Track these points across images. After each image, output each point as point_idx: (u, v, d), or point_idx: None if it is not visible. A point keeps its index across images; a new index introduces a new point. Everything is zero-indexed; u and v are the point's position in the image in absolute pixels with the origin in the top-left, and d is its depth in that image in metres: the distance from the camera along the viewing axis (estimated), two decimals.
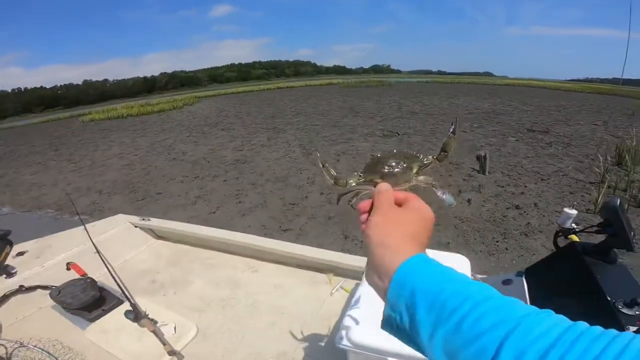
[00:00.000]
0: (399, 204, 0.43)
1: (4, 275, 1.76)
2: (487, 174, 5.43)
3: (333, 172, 0.53)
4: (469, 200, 4.48)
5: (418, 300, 0.32)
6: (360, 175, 0.52)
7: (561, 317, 0.28)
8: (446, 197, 0.48)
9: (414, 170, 0.50)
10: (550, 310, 0.29)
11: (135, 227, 2.30)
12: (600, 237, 1.03)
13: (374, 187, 0.46)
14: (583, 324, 0.27)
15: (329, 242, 3.59)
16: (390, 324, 0.35)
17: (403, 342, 0.35)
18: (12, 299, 1.67)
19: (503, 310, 0.29)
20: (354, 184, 0.52)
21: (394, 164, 0.49)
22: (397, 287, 0.34)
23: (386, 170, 0.49)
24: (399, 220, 0.40)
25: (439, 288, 0.32)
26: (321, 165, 0.53)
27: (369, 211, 0.43)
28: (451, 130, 0.47)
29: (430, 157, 0.50)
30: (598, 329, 0.26)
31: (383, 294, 0.35)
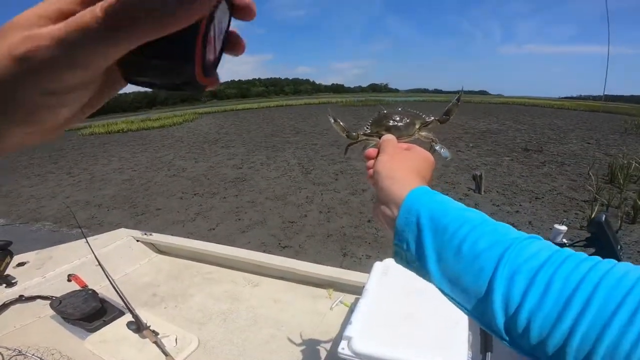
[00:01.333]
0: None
1: (4, 285, 1.76)
2: (482, 193, 5.50)
3: (344, 125, 0.57)
4: None
5: (424, 226, 0.33)
6: (367, 129, 0.57)
7: (548, 242, 0.31)
8: (443, 151, 0.53)
9: (417, 126, 0.54)
10: (538, 235, 0.31)
11: (137, 241, 2.32)
12: (590, 251, 1.08)
13: (379, 138, 0.50)
14: (569, 250, 0.28)
15: (328, 260, 3.60)
16: (400, 255, 0.37)
17: (415, 273, 0.36)
18: (12, 308, 1.66)
19: (497, 233, 0.31)
20: (362, 136, 0.57)
21: (398, 118, 0.54)
22: (405, 214, 0.35)
23: (391, 124, 0.53)
24: (404, 158, 0.44)
25: (441, 213, 0.34)
26: (332, 120, 0.57)
27: (375, 158, 0.46)
28: (456, 98, 0.53)
29: (432, 117, 0.55)
30: (583, 254, 0.28)
31: (392, 224, 0.37)
